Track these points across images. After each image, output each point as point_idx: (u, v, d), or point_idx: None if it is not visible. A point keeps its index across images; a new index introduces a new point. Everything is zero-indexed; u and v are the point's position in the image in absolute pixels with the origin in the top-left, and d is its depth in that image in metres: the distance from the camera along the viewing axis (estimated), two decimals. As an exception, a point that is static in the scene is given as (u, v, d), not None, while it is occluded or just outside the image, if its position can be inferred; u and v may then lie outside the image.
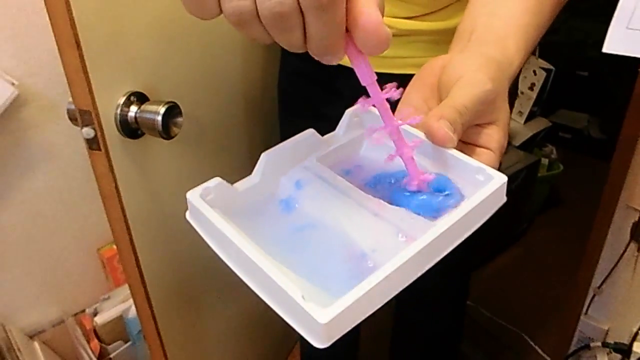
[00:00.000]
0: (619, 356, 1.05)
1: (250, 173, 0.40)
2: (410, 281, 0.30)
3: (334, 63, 0.32)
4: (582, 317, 1.13)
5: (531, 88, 2.00)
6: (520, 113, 2.03)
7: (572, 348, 1.16)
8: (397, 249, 0.30)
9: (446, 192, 0.36)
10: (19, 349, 1.14)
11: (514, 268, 1.83)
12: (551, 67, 1.96)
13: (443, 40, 0.51)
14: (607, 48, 0.39)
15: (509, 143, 1.88)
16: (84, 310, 1.31)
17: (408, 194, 0.36)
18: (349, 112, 0.43)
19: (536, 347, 1.52)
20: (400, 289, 0.30)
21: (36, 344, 1.23)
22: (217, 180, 0.36)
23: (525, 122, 2.03)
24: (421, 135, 0.39)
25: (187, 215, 0.36)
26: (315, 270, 0.31)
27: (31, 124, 1.14)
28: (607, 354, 1.07)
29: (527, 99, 2.01)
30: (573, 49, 2.31)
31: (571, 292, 1.17)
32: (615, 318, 1.08)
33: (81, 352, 1.22)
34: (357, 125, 0.44)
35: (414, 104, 0.43)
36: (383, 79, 0.35)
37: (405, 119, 0.37)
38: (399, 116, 0.38)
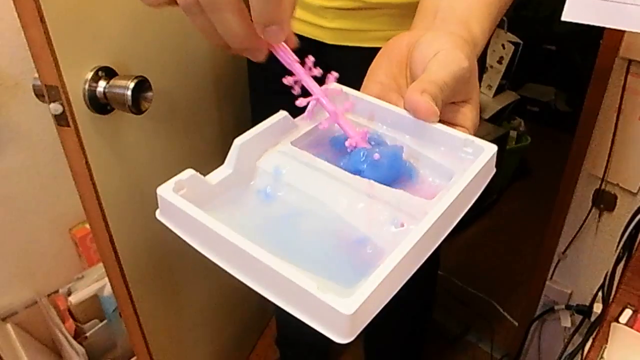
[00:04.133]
0: (580, 317, 1.10)
1: (222, 149, 0.39)
2: (420, 264, 0.29)
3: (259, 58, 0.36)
4: (547, 282, 1.18)
5: (500, 61, 2.02)
6: (489, 86, 2.06)
7: (538, 312, 1.21)
8: (393, 232, 0.30)
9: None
10: (-8, 332, 1.13)
11: (484, 238, 1.88)
12: (519, 40, 1.99)
13: (409, 14, 0.51)
14: (565, 16, 0.39)
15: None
16: (57, 291, 1.30)
17: (361, 159, 0.36)
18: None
19: (505, 314, 1.58)
20: (411, 273, 0.28)
21: (9, 326, 1.22)
22: (189, 172, 0.33)
23: (494, 95, 2.07)
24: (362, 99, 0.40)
25: (158, 214, 0.33)
26: (313, 261, 0.29)
27: (-4, 104, 1.11)
28: (570, 315, 1.13)
29: (495, 73, 2.04)
30: (541, 23, 2.35)
31: (538, 259, 1.21)
32: (578, 282, 1.13)
33: (56, 333, 1.21)
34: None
35: (380, 81, 0.43)
36: (351, 52, 0.36)
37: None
38: (365, 92, 0.39)
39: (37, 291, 1.29)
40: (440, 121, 0.39)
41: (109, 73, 0.70)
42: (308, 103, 0.38)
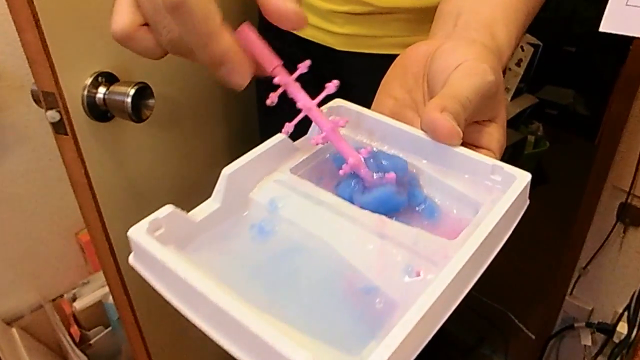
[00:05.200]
0: (602, 336, 1.05)
1: (228, 156, 0.35)
2: (443, 321, 0.25)
3: (239, 83, 0.31)
4: (567, 298, 1.13)
5: (518, 64, 1.97)
6: (507, 89, 2.01)
7: (557, 328, 1.16)
8: (408, 280, 0.26)
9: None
10: (-5, 336, 1.11)
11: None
12: (539, 42, 1.93)
13: (426, 19, 0.47)
14: (604, 27, 0.35)
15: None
16: (62, 295, 1.28)
17: (358, 188, 0.32)
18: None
19: (520, 325, 1.53)
20: (431, 335, 0.24)
21: (14, 330, 1.21)
22: (168, 208, 0.28)
23: (512, 99, 2.01)
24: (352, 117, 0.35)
25: (131, 259, 0.28)
26: (311, 315, 0.25)
27: (2, 105, 1.09)
28: (591, 333, 1.08)
29: (514, 76, 1.99)
30: (561, 24, 2.28)
31: (557, 272, 1.16)
32: (599, 298, 1.08)
33: (61, 338, 1.19)
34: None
35: (394, 95, 0.38)
36: (363, 60, 0.32)
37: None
38: (377, 108, 0.35)
39: (43, 295, 1.27)
40: (462, 144, 0.35)
41: (109, 79, 0.67)
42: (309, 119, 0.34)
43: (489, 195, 0.31)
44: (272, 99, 0.33)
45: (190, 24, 0.27)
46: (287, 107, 0.43)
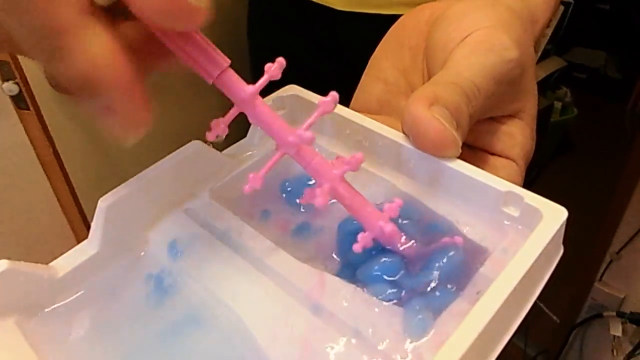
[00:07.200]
0: (633, 327, 0.97)
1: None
2: None
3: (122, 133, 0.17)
4: (595, 283, 1.04)
5: (547, 24, 1.82)
6: (534, 52, 1.87)
7: (583, 316, 1.08)
8: None
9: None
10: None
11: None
12: (570, 0, 1.78)
13: None
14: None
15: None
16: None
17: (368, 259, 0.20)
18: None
19: (542, 305, 1.44)
20: None
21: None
22: (3, 264, 0.19)
23: (538, 62, 1.87)
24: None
25: None
26: None
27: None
28: (622, 323, 0.99)
29: (541, 37, 1.84)
30: (594, -21, 2.12)
31: (585, 255, 1.07)
32: (633, 286, 0.99)
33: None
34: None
35: (385, 78, 0.28)
36: (367, 21, 0.22)
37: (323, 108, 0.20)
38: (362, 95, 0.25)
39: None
40: (468, 147, 0.25)
41: (76, 44, 0.58)
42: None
43: (500, 240, 0.20)
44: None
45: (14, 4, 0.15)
46: (282, 74, 0.33)
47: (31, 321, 0.20)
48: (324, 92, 0.24)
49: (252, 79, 0.72)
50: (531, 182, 2.04)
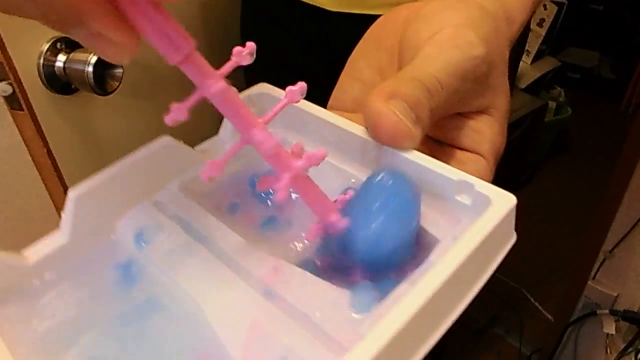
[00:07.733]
0: (626, 325, 0.97)
1: (210, 132, 0.27)
2: None
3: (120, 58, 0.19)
4: (589, 282, 1.05)
5: (540, 24, 1.83)
6: (528, 52, 1.88)
7: (577, 314, 1.08)
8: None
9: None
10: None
11: (516, 219, 1.74)
12: (563, 0, 1.79)
13: None
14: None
15: (514, 85, 1.74)
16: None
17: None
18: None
19: (537, 304, 1.45)
20: None
21: None
22: None
23: (532, 62, 1.88)
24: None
25: None
26: None
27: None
28: (615, 321, 1.00)
29: (535, 37, 1.85)
30: (587, -20, 2.13)
31: (579, 253, 1.08)
32: (626, 285, 1.00)
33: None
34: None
35: (362, 77, 0.29)
36: (358, 22, 0.22)
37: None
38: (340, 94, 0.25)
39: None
40: (435, 142, 0.26)
41: (70, 44, 0.58)
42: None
43: (451, 229, 0.21)
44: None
45: None
46: (275, 74, 0.32)
47: (18, 298, 0.21)
48: (315, 92, 0.24)
49: (244, 78, 0.73)
50: (525, 181, 2.04)
